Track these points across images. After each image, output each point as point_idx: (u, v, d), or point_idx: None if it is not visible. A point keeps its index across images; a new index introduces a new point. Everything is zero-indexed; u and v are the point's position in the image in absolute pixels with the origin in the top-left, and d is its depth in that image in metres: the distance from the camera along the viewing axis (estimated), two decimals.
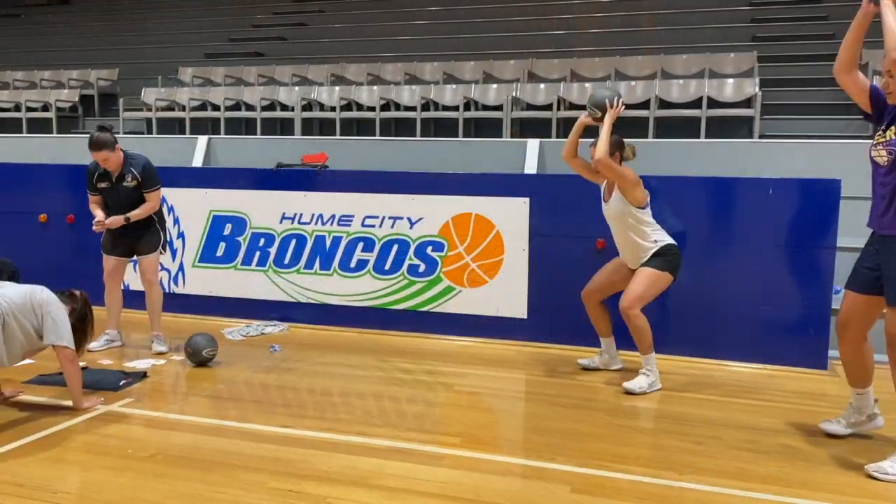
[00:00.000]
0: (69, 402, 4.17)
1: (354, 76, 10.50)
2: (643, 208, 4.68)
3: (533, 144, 7.27)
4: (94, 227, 5.28)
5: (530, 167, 7.04)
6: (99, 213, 5.33)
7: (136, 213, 5.27)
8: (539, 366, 5.29)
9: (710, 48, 9.60)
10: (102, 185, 5.32)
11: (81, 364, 4.29)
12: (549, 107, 8.74)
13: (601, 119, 4.64)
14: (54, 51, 14.20)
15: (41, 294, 3.97)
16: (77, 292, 4.22)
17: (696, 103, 8.36)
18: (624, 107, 4.67)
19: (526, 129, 8.89)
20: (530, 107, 9.03)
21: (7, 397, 4.26)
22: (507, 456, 3.66)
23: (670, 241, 4.74)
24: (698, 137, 8.02)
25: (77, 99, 11.29)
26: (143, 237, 5.41)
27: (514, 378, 5.08)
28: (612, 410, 4.36)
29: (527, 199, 5.72)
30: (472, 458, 3.62)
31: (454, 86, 9.51)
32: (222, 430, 3.92)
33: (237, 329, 6.11)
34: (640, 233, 4.69)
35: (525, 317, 5.78)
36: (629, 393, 4.61)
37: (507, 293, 5.80)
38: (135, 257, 5.50)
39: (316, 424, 4.02)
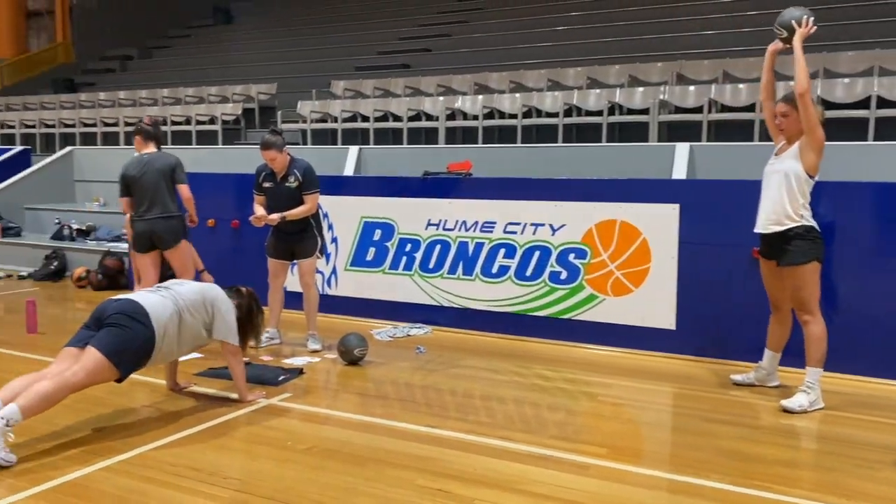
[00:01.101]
0: (235, 395, 4.50)
1: (497, 84, 10.60)
2: (811, 178, 4.38)
3: (682, 148, 7.05)
4: (251, 220, 5.66)
5: (679, 172, 6.82)
6: (259, 210, 5.73)
7: (293, 213, 5.61)
8: (688, 379, 5.11)
9: (879, 44, 8.88)
10: (267, 184, 5.72)
11: (244, 360, 4.61)
12: (698, 109, 8.42)
13: (789, 41, 4.38)
14: (220, 68, 15.33)
15: (212, 292, 4.31)
16: (244, 289, 4.56)
17: (863, 103, 7.77)
18: (815, 27, 4.36)
19: (674, 132, 8.62)
20: (678, 109, 8.74)
21: (181, 388, 4.66)
22: (655, 470, 3.57)
23: (814, 223, 4.42)
24: (866, 140, 7.45)
25: (240, 112, 12.13)
26: (302, 242, 5.74)
27: (660, 390, 4.94)
28: (770, 429, 4.14)
29: (676, 206, 5.55)
30: (618, 469, 3.56)
31: (598, 90, 9.37)
32: (371, 427, 4.09)
33: (385, 330, 6.34)
34: (793, 199, 4.37)
35: (673, 328, 5.60)
36: (787, 412, 4.35)
37: (654, 303, 5.65)
38: (294, 260, 5.84)
39: (459, 426, 4.11)
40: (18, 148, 12.24)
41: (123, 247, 8.70)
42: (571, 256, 5.94)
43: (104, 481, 3.35)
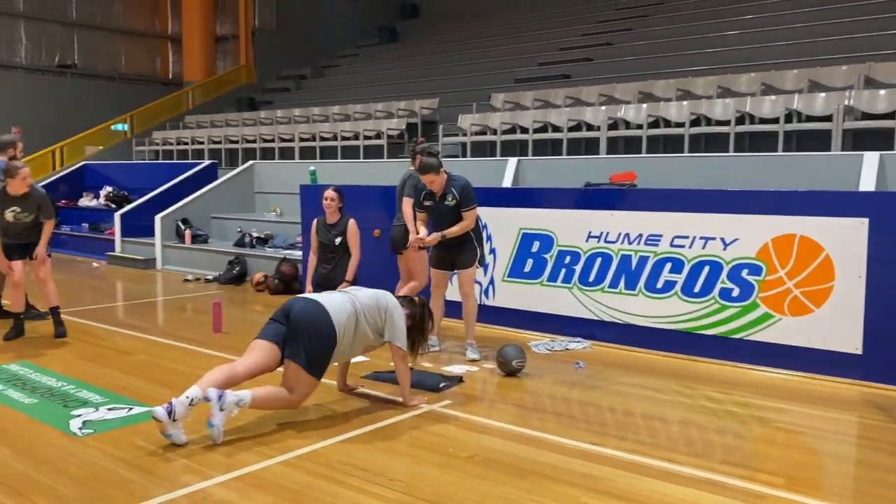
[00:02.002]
0: (399, 399, 4.65)
1: (663, 92, 10.28)
2: None
3: (871, 158, 6.49)
4: (410, 242, 5.89)
5: (867, 183, 6.28)
6: (422, 230, 5.91)
7: (451, 231, 5.73)
8: (876, 409, 4.67)
9: None
10: (427, 203, 5.88)
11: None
12: (890, 115, 7.72)
13: None
14: (385, 84, 16.00)
15: (386, 298, 4.53)
16: (416, 298, 4.74)
17: None
18: None
19: (860, 140, 7.95)
20: (866, 116, 8.05)
21: (351, 389, 4.89)
22: None
23: None
24: None
25: (404, 127, 12.59)
26: (462, 253, 5.86)
27: (843, 419, 4.55)
28: None
29: (865, 220, 5.10)
30: (799, 502, 3.32)
31: (773, 97, 8.84)
32: (529, 439, 4.07)
33: (542, 343, 6.31)
34: None
35: (859, 352, 5.15)
36: None
37: (838, 324, 5.22)
38: (454, 271, 5.96)
39: (620, 444, 4.00)
40: (206, 162, 13.41)
41: (298, 254, 9.28)
42: (745, 272, 5.62)
43: (281, 475, 3.58)
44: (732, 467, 3.70)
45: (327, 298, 4.35)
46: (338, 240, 6.32)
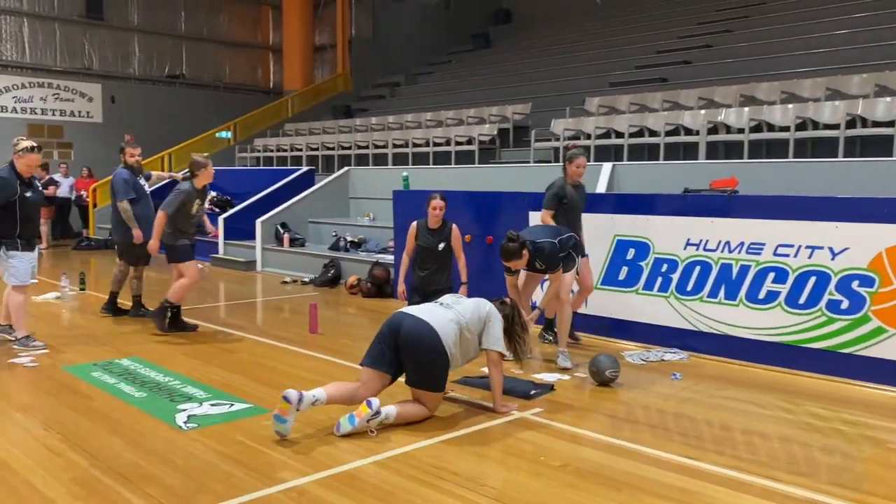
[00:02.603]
0: (489, 404, 4.65)
1: (766, 95, 9.88)
2: None
3: None
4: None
5: None
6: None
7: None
8: None
9: None
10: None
11: None
12: None
13: None
14: (478, 90, 16.06)
15: (486, 306, 4.58)
16: (508, 300, 4.74)
17: None
18: None
19: None
20: None
21: (444, 393, 4.91)
22: None
23: None
24: None
25: (495, 132, 12.59)
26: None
27: None
28: None
29: None
30: None
31: (888, 98, 8.34)
32: (622, 451, 3.99)
33: (637, 353, 6.17)
34: None
35: None
36: None
37: None
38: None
39: (717, 459, 3.86)
40: (304, 169, 13.82)
41: (390, 258, 9.43)
42: (855, 284, 5.33)
43: (374, 475, 3.64)
44: (841, 489, 3.51)
45: (433, 316, 4.40)
46: (441, 245, 6.31)
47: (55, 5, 17.71)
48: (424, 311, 4.48)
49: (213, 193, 14.97)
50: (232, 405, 4.69)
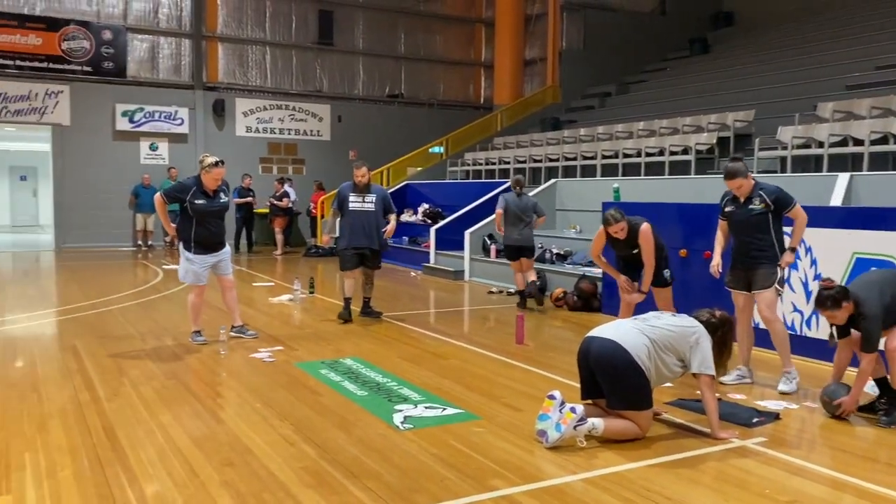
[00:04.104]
0: (705, 429, 4.41)
1: None
2: None
3: None
4: (711, 270, 5.69)
5: None
6: (716, 256, 5.75)
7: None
8: None
9: None
10: (729, 209, 5.62)
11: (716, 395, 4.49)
12: None
13: None
14: (694, 98, 15.35)
15: (694, 325, 4.37)
16: (717, 312, 4.48)
17: None
18: None
19: None
20: None
21: (655, 414, 4.72)
22: None
23: None
24: None
25: (714, 141, 11.95)
26: (756, 272, 5.42)
27: None
28: None
29: None
30: None
31: None
32: (859, 491, 3.59)
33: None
34: None
35: None
36: None
37: None
38: (753, 291, 5.51)
39: None
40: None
41: (598, 272, 9.28)
42: None
43: (584, 492, 3.58)
44: None
45: (619, 332, 4.32)
46: (635, 250, 6.22)
47: (293, 34, 19.55)
48: (610, 329, 4.39)
49: (426, 206, 15.69)
50: (444, 409, 4.86)
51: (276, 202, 16.33)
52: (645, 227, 6.14)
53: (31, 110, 16.62)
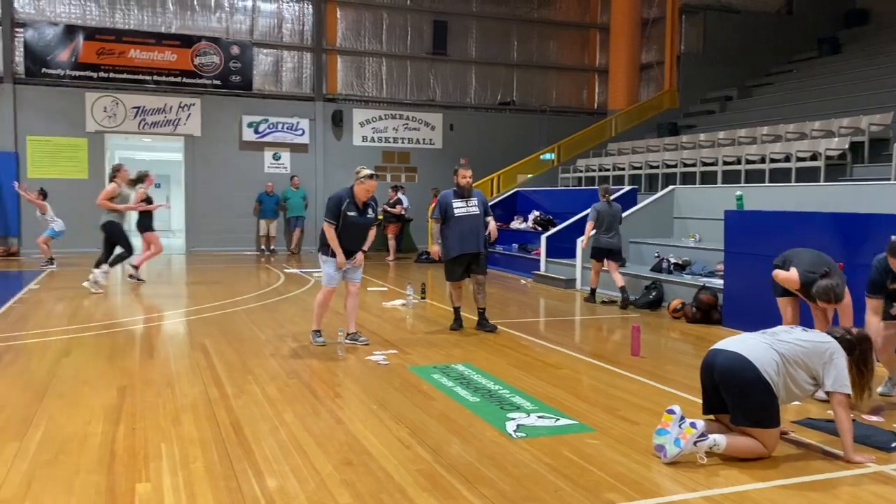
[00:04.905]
0: (837, 451, 4.15)
1: None
2: None
3: None
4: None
5: None
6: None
7: None
8: None
9: None
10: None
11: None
12: None
13: None
14: (824, 101, 14.52)
15: (828, 341, 4.14)
16: (855, 331, 4.23)
17: None
18: None
19: None
20: None
21: (781, 433, 4.50)
22: None
23: None
24: None
25: (846, 146, 11.26)
26: None
27: None
28: None
29: None
30: None
31: None
32: None
33: None
34: None
35: None
36: None
37: None
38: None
39: None
40: (626, 188, 13.74)
41: (718, 282, 8.94)
42: None
43: None
44: None
45: (745, 346, 4.13)
46: None
47: (408, 45, 19.98)
48: (736, 343, 4.20)
49: (537, 213, 15.60)
50: (557, 420, 4.81)
51: (389, 209, 16.72)
52: None
53: (166, 122, 17.79)
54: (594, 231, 10.24)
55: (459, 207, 7.90)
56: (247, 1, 18.49)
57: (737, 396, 4.06)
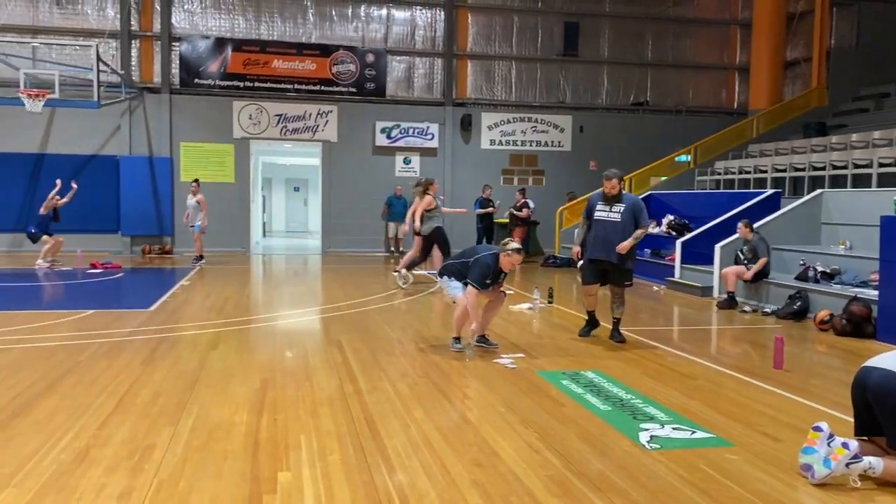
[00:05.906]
0: None
1: None
2: None
3: None
4: None
5: None
6: None
7: None
8: None
9: None
10: None
11: None
12: None
13: None
14: None
15: None
16: None
17: None
18: None
19: None
20: None
21: None
22: None
23: None
24: None
25: None
26: None
27: None
28: None
29: None
30: None
31: None
32: None
33: None
34: None
35: None
36: None
37: None
38: None
39: None
40: (769, 191, 13.00)
41: (872, 293, 8.30)
42: None
43: None
44: None
45: None
46: None
47: (538, 47, 19.88)
48: (892, 359, 3.86)
49: (671, 217, 15.07)
50: (694, 432, 4.62)
51: (515, 212, 16.70)
52: None
53: (306, 129, 18.62)
54: None
55: (601, 211, 7.68)
56: (382, 10, 19.04)
57: (893, 418, 3.75)
